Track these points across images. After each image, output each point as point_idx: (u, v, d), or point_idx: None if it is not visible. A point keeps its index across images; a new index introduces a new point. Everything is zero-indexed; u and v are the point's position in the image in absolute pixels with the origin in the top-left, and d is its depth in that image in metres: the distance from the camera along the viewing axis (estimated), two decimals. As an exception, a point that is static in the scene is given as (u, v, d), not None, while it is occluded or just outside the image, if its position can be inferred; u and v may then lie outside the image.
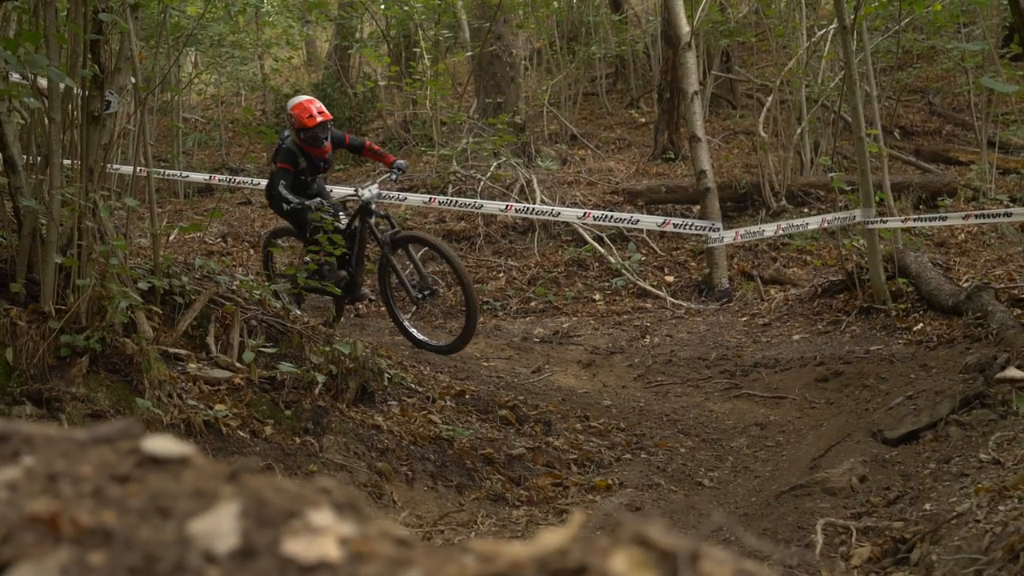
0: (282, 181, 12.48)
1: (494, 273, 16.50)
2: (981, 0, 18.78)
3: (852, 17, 13.42)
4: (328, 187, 14.18)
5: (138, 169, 10.16)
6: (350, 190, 13.94)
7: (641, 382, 11.90)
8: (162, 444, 1.39)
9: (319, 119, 12.53)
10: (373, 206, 12.65)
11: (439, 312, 15.11)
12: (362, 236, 12.80)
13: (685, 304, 15.24)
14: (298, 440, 8.01)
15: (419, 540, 1.41)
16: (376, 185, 12.96)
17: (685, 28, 16.35)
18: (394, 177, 12.98)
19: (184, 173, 18.87)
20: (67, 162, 8.28)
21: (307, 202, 12.21)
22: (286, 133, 12.87)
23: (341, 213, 12.90)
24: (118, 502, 1.26)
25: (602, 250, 16.29)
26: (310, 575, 1.20)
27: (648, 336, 13.64)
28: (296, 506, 1.33)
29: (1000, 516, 5.55)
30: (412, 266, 12.80)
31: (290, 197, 12.33)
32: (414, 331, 12.83)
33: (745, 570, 1.23)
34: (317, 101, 12.92)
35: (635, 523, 1.24)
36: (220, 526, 1.27)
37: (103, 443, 1.38)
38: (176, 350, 8.47)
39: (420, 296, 12.63)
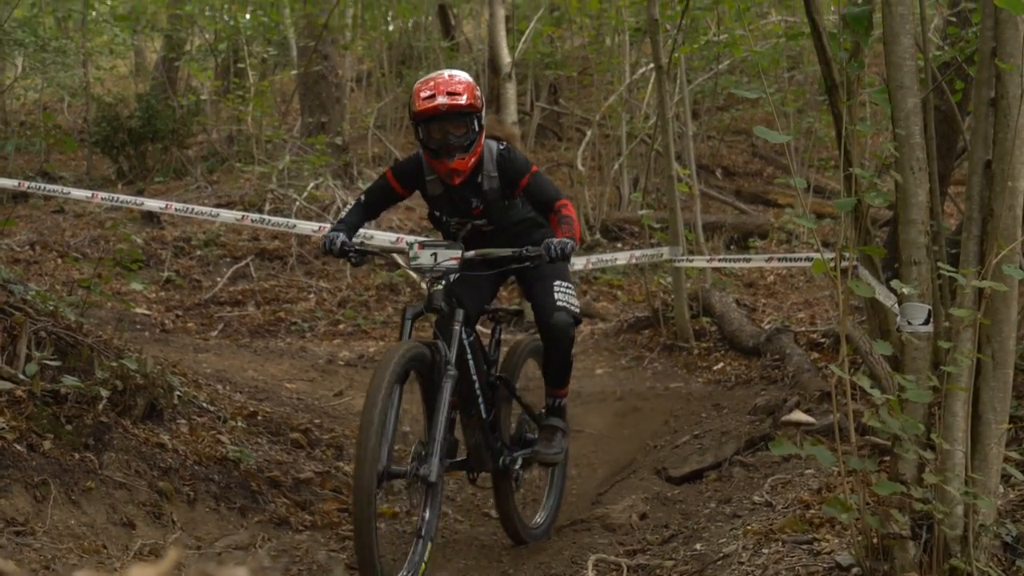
0: (366, 194, 7.73)
1: (304, 294, 16.37)
2: (760, 56, 19.13)
3: (668, 58, 13.60)
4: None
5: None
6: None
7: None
8: None
9: (440, 101, 6.96)
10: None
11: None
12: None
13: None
14: (77, 456, 7.82)
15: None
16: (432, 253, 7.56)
17: (507, 59, 16.44)
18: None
19: (-8, 178, 18.47)
20: None
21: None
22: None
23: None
24: None
25: (415, 275, 16.21)
26: None
27: (454, 363, 13.59)
28: None
29: (763, 559, 5.64)
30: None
31: (339, 238, 7.32)
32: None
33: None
34: (459, 74, 7.33)
35: (202, 565, 1.22)
36: None
37: None
38: (-44, 360, 8.26)
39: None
